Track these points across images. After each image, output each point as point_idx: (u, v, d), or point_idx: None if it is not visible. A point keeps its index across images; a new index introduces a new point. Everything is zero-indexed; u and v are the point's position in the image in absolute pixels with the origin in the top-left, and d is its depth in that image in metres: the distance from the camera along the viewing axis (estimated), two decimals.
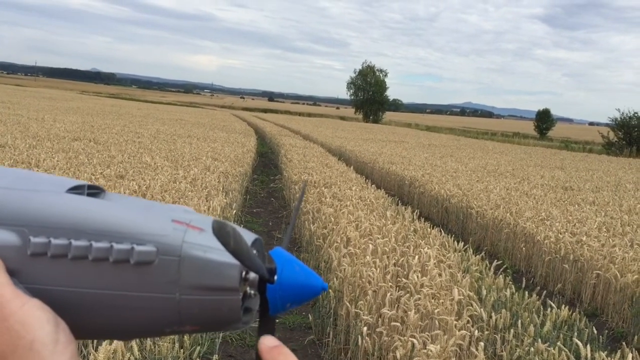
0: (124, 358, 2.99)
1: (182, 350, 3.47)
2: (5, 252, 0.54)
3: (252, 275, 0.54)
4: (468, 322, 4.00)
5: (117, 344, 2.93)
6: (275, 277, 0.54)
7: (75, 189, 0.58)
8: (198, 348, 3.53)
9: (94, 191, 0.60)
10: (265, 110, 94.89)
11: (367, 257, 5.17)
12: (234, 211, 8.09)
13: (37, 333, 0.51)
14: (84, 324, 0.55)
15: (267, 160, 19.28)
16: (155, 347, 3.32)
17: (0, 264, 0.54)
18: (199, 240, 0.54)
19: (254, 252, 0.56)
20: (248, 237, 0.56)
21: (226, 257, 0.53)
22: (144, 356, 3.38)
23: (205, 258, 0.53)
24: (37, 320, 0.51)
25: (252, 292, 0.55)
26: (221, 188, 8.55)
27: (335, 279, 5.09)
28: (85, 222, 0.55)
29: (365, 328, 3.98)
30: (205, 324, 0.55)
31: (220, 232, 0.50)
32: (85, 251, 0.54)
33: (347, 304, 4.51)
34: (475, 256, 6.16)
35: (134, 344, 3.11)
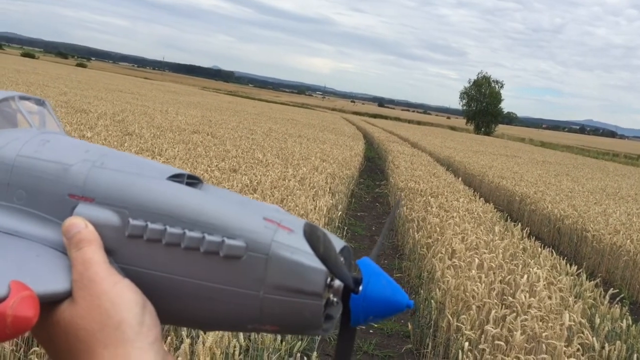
0: (230, 343, 3.12)
1: (283, 343, 3.56)
2: (105, 231, 0.57)
3: (337, 282, 0.54)
4: (578, 350, 3.79)
5: None
6: (361, 288, 0.53)
7: (176, 177, 0.60)
8: (299, 343, 3.61)
9: (192, 181, 0.62)
10: (374, 116, 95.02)
11: (473, 271, 5.04)
12: (339, 213, 8.17)
13: (124, 314, 0.53)
14: (168, 310, 0.57)
15: (373, 165, 19.29)
16: (259, 337, 3.43)
17: (98, 242, 0.56)
18: (288, 240, 0.54)
19: (342, 259, 0.55)
20: (337, 243, 0.55)
21: (313, 262, 0.53)
22: (248, 345, 3.50)
23: (293, 260, 0.53)
24: (127, 301, 0.53)
25: (335, 299, 0.55)
26: (328, 189, 8.66)
27: (437, 290, 5.01)
28: (181, 210, 0.56)
29: (466, 343, 3.88)
30: (285, 326, 0.55)
31: (311, 236, 0.49)
32: (179, 239, 0.55)
33: (449, 316, 4.41)
34: (589, 282, 5.81)
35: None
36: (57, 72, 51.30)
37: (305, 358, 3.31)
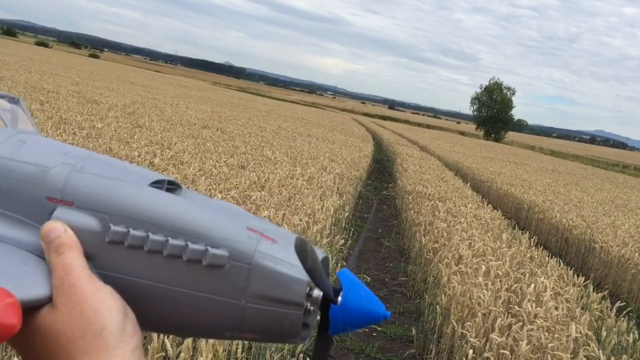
0: (231, 342, 3.10)
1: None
2: (85, 237, 0.56)
3: (316, 292, 0.54)
4: None
5: None
6: (340, 298, 0.55)
7: (156, 183, 0.59)
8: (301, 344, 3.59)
9: (172, 187, 0.61)
10: (384, 118, 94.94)
11: (479, 278, 4.99)
12: (347, 214, 8.13)
13: (106, 321, 0.52)
14: (149, 317, 0.56)
15: (382, 167, 19.25)
16: None
17: (78, 247, 0.55)
18: (271, 251, 0.54)
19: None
20: (318, 254, 0.56)
21: (295, 272, 0.53)
22: (250, 343, 3.48)
23: (275, 270, 0.54)
24: (109, 308, 0.52)
25: (312, 308, 0.55)
26: (336, 189, 8.63)
27: (443, 295, 4.97)
28: (164, 217, 0.55)
29: (471, 351, 3.84)
30: (265, 334, 0.56)
31: (301, 250, 0.50)
32: (161, 246, 0.54)
33: (454, 323, 4.38)
34: (596, 294, 5.75)
35: None
36: (70, 62, 51.55)
37: (307, 359, 3.29)
